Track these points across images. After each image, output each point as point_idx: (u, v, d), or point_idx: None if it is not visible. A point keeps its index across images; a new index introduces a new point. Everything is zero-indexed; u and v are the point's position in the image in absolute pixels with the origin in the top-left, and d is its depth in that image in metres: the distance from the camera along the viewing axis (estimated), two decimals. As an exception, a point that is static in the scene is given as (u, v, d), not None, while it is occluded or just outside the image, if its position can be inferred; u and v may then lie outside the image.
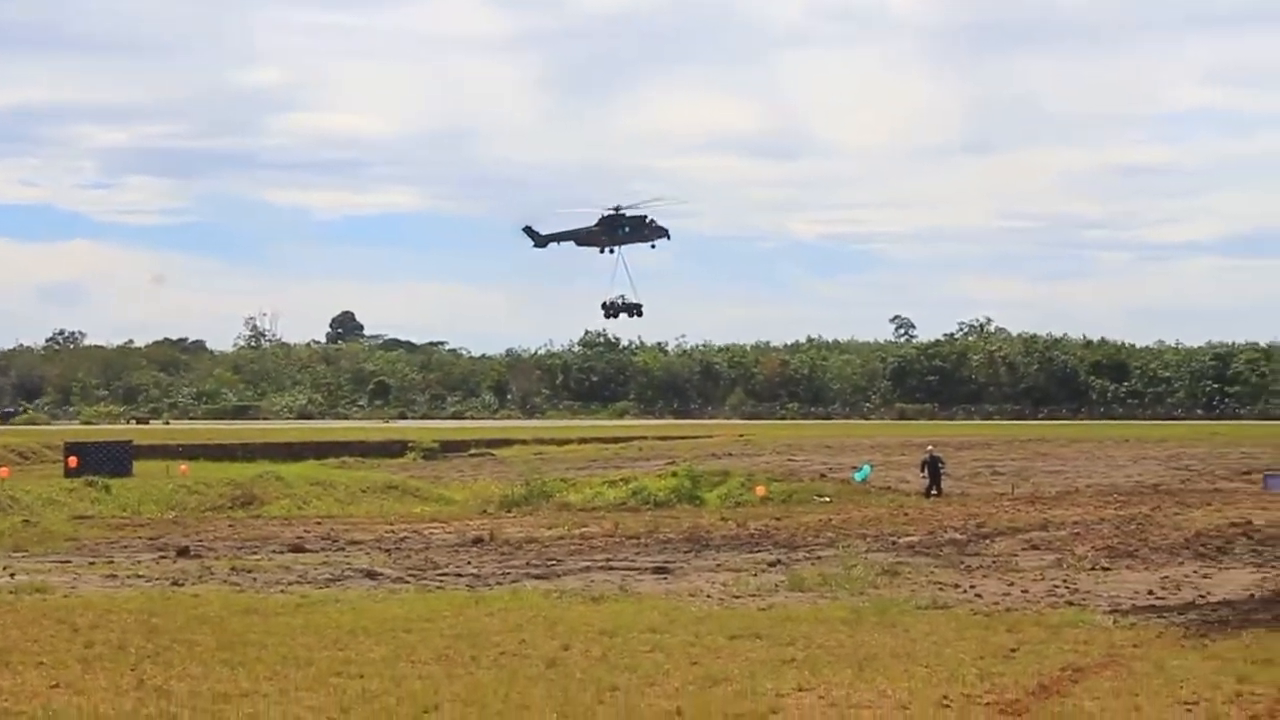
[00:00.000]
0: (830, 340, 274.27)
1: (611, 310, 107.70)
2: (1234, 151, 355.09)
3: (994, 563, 37.26)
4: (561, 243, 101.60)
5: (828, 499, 63.37)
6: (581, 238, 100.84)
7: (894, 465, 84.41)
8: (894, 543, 42.40)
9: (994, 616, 27.61)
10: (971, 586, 32.51)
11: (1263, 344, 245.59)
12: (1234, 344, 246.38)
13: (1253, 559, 37.69)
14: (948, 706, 19.23)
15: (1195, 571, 35.15)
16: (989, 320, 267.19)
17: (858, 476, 71.61)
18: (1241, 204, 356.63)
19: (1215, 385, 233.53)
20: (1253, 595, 30.52)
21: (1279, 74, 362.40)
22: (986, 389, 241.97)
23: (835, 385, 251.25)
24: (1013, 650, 23.46)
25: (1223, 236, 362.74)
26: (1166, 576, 34.16)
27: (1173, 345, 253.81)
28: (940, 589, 31.99)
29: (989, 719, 18.43)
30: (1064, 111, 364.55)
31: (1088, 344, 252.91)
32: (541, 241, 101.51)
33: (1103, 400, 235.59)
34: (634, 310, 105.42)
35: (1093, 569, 35.67)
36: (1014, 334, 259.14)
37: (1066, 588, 32.26)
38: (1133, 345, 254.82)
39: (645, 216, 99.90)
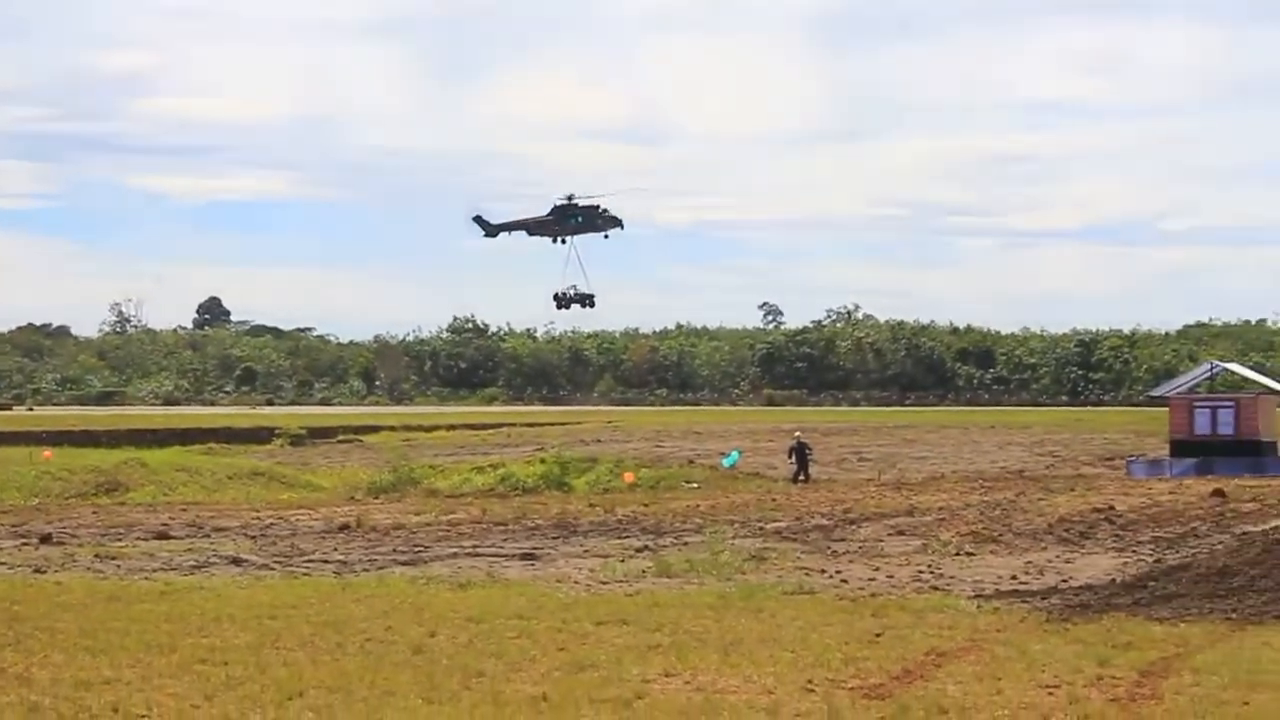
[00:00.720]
0: (699, 327, 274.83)
1: (563, 301, 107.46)
2: (1097, 139, 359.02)
3: (860, 548, 37.48)
4: (512, 232, 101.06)
5: (696, 485, 63.54)
6: (533, 227, 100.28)
7: (762, 451, 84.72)
8: (761, 528, 42.56)
9: (859, 601, 27.78)
10: (837, 572, 32.70)
11: (1126, 330, 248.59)
12: (1098, 331, 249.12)
13: (1114, 544, 38.11)
14: (812, 691, 19.34)
15: (1058, 556, 35.51)
16: (857, 307, 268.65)
17: (726, 463, 71.85)
18: (1105, 191, 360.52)
19: (1080, 372, 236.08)
20: (1114, 580, 30.86)
21: (1142, 63, 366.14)
22: (854, 375, 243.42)
23: (704, 372, 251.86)
24: (877, 635, 23.62)
25: (1087, 224, 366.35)
26: (1030, 561, 34.48)
27: (1038, 332, 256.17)
28: (806, 574, 32.15)
29: (853, 703, 18.53)
30: (929, 100, 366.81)
31: (954, 331, 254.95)
32: (492, 231, 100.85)
33: (969, 387, 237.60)
34: (586, 301, 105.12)
35: (957, 554, 35.97)
36: (881, 321, 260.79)
37: (931, 573, 32.51)
38: (998, 332, 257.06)
39: (598, 206, 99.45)
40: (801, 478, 65.72)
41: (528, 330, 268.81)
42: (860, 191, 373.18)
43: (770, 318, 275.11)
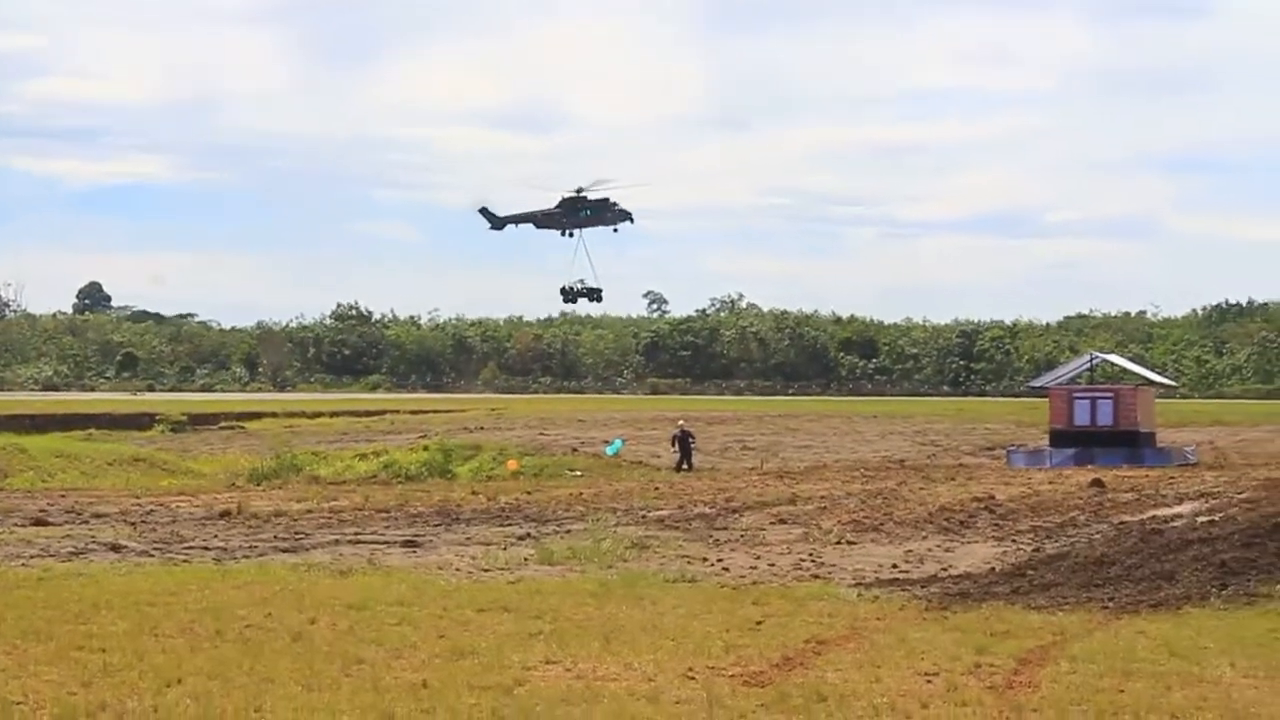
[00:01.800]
0: (583, 315, 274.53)
1: (570, 295, 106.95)
2: (983, 130, 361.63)
3: (742, 536, 37.60)
4: (520, 225, 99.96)
5: (579, 473, 63.57)
6: (540, 220, 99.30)
7: (646, 440, 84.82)
8: (644, 517, 42.62)
9: (741, 589, 27.89)
10: (719, 560, 32.80)
11: (1008, 321, 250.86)
12: (980, 321, 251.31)
13: (994, 533, 38.42)
14: (693, 678, 19.38)
15: (938, 545, 35.76)
16: (741, 296, 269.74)
17: (609, 451, 71.95)
18: (989, 183, 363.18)
19: (961, 362, 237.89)
20: (993, 569, 31.13)
21: (1028, 55, 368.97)
22: (738, 364, 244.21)
23: (588, 360, 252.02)
24: (758, 623, 23.70)
25: (971, 215, 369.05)
26: (910, 550, 34.71)
27: (920, 322, 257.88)
28: (689, 562, 32.24)
29: (733, 690, 18.59)
30: (818, 89, 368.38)
31: (837, 320, 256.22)
32: (499, 223, 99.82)
33: (852, 376, 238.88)
34: (594, 295, 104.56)
35: (839, 543, 36.15)
36: (765, 310, 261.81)
37: (812, 561, 32.67)
38: (881, 322, 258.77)
39: (608, 199, 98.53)
40: (684, 466, 65.88)
41: (411, 317, 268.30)
42: (747, 181, 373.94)
43: (655, 306, 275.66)
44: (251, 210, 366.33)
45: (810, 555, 33.68)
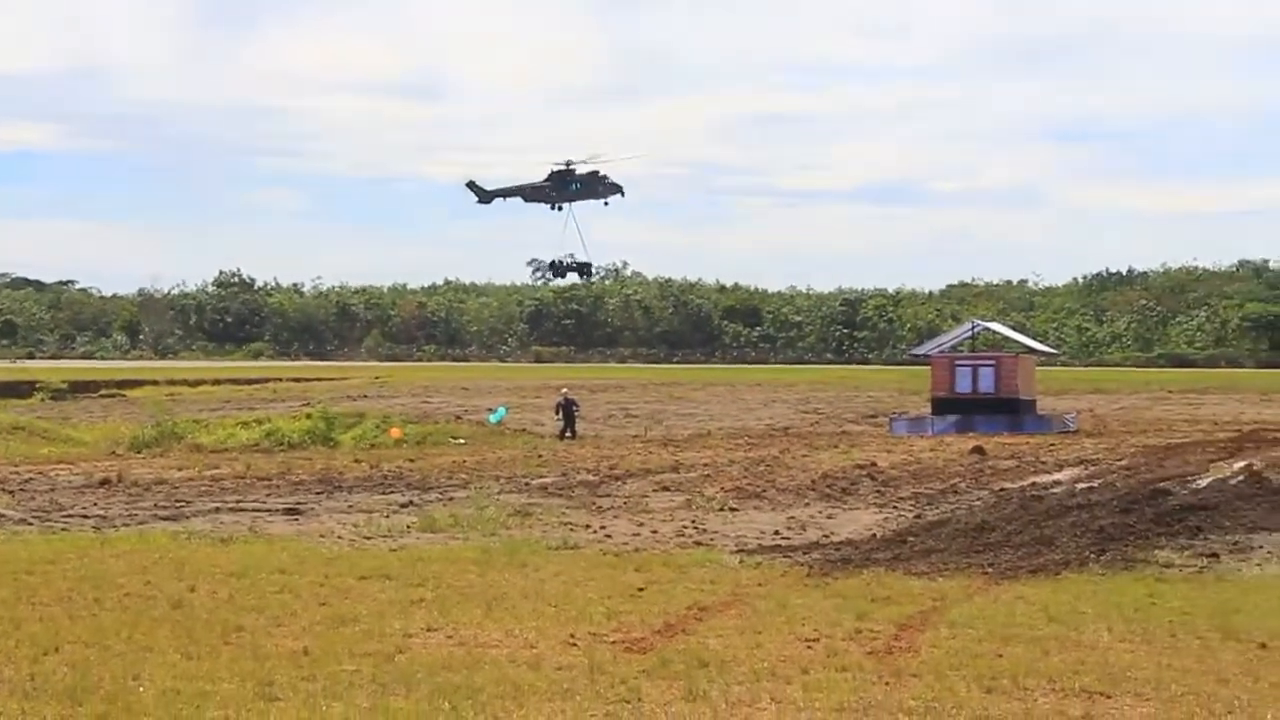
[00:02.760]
0: (467, 283, 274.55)
1: (559, 269, 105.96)
2: (870, 101, 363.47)
3: (625, 504, 37.61)
4: (508, 198, 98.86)
5: (463, 441, 63.36)
6: (529, 193, 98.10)
7: (530, 408, 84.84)
8: (527, 484, 42.57)
9: (623, 556, 27.89)
10: (602, 527, 32.79)
11: (890, 290, 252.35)
12: (863, 290, 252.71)
13: (876, 500, 38.62)
14: (574, 645, 19.37)
15: (820, 512, 35.90)
16: (626, 264, 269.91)
17: (493, 419, 71.80)
18: (877, 153, 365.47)
19: (845, 330, 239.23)
20: (874, 535, 31.27)
21: (917, 26, 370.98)
22: (622, 332, 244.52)
23: (472, 328, 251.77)
24: (640, 589, 23.71)
25: (858, 184, 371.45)
26: (793, 517, 34.83)
27: (804, 290, 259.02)
28: (571, 530, 32.22)
29: (614, 656, 18.59)
30: (707, 59, 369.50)
31: (722, 289, 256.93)
32: (486, 197, 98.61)
33: (736, 344, 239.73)
34: (583, 270, 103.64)
35: (721, 510, 36.22)
36: (650, 278, 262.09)
37: (695, 528, 32.72)
38: (766, 290, 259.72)
39: (597, 171, 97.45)
40: (568, 434, 65.86)
41: (295, 285, 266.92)
42: (634, 149, 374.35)
43: (539, 275, 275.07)
44: (134, 178, 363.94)
45: (693, 522, 33.72)
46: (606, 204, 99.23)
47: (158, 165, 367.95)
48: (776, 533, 32.01)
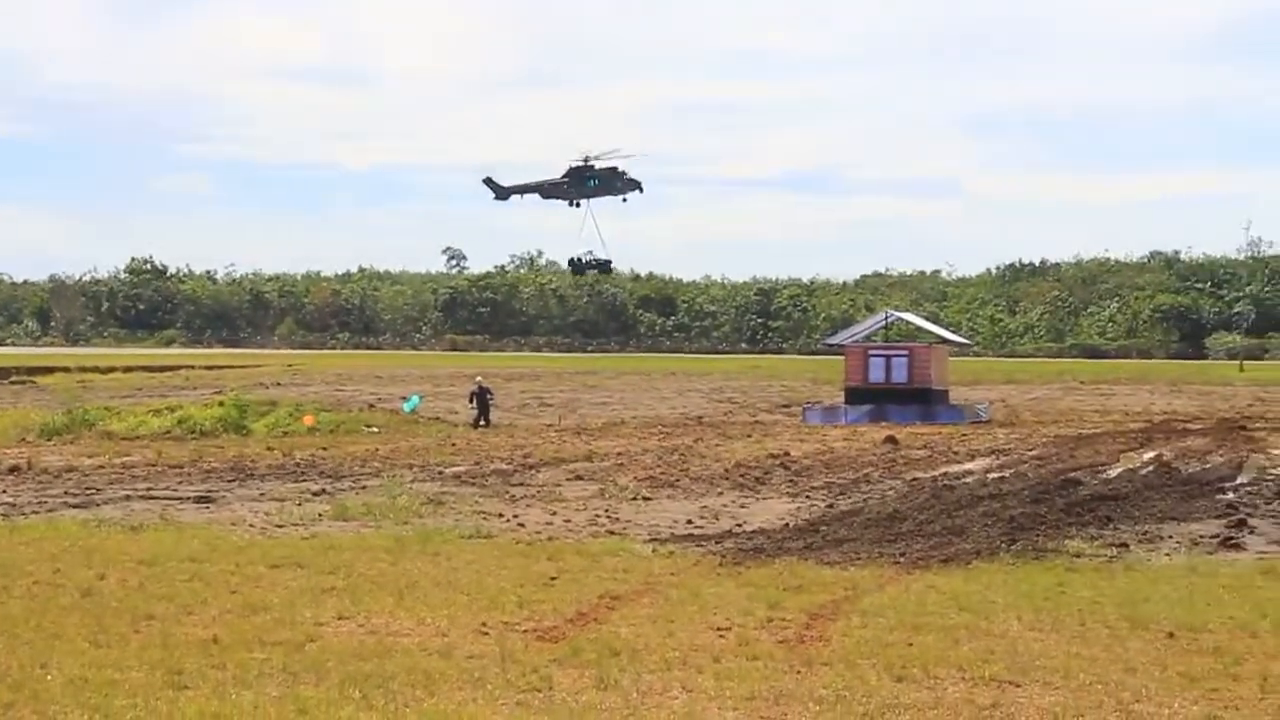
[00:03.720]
0: (382, 271, 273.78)
1: (579, 266, 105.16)
2: (790, 90, 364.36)
3: (539, 493, 37.57)
4: (525, 195, 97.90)
5: (376, 429, 63.13)
6: (547, 190, 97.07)
7: (444, 396, 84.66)
8: (440, 473, 42.48)
9: (536, 545, 27.85)
10: (515, 516, 32.75)
11: (805, 279, 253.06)
12: (778, 280, 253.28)
13: (789, 489, 38.72)
14: (486, 634, 19.34)
15: (734, 501, 35.97)
16: (540, 253, 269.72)
17: (406, 407, 71.53)
18: (795, 142, 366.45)
19: (759, 320, 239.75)
20: (787, 524, 31.33)
21: (838, 15, 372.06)
22: (537, 321, 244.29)
23: (387, 316, 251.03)
24: (553, 578, 23.69)
25: (777, 173, 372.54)
26: (706, 506, 34.88)
27: (719, 280, 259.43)
28: (484, 518, 32.17)
29: (526, 645, 18.57)
30: (628, 47, 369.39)
31: (637, 278, 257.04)
32: (503, 194, 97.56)
33: (651, 333, 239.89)
34: (603, 266, 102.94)
35: (634, 499, 36.24)
36: (565, 267, 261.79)
37: (608, 517, 32.72)
38: (681, 279, 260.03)
39: (616, 168, 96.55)
40: (482, 423, 65.71)
41: (208, 272, 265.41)
42: (554, 138, 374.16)
43: (454, 262, 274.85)
44: (47, 163, 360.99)
45: (606, 511, 33.73)
46: (625, 200, 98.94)
47: (70, 151, 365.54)
48: (689, 522, 32.04)
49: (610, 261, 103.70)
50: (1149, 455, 48.52)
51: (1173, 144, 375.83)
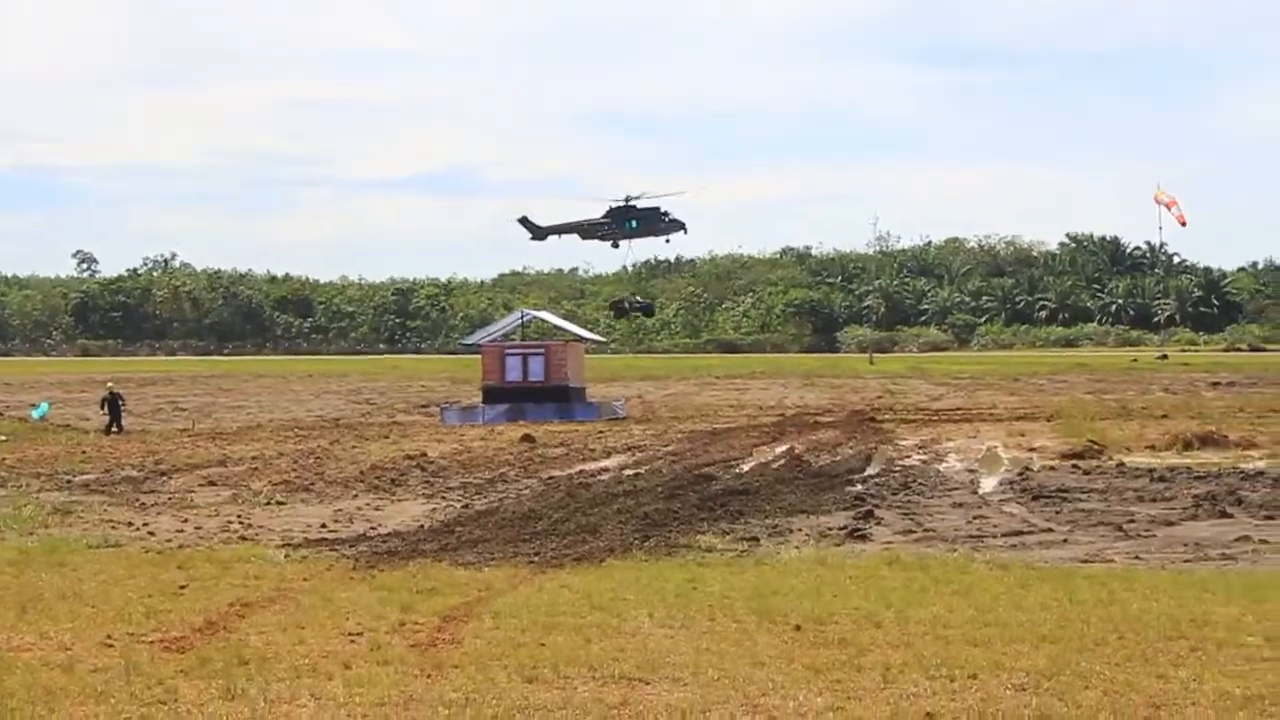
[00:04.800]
0: (10, 276, 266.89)
1: (621, 309, 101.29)
2: (426, 90, 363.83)
3: (170, 500, 36.92)
4: (563, 235, 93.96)
5: (4, 438, 61.47)
6: (586, 230, 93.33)
7: (75, 403, 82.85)
8: (69, 481, 41.50)
9: (166, 554, 27.31)
10: (145, 524, 32.10)
11: (443, 279, 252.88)
12: (415, 279, 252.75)
13: (425, 490, 38.62)
14: (111, 646, 18.90)
15: (369, 504, 35.75)
16: (174, 255, 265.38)
17: (35, 414, 69.84)
18: (428, 142, 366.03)
19: (397, 320, 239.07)
20: (422, 526, 31.21)
21: (465, 16, 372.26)
22: (171, 324, 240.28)
23: (15, 322, 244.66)
24: (182, 587, 23.26)
25: (412, 173, 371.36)
26: (340, 509, 34.61)
27: (356, 281, 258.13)
28: (113, 527, 31.49)
29: (152, 657, 18.18)
30: (262, 46, 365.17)
31: (273, 279, 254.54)
32: (541, 234, 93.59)
33: (288, 335, 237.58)
34: (647, 310, 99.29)
35: (268, 504, 35.84)
36: (199, 269, 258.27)
37: (241, 523, 32.27)
38: (318, 280, 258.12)
39: (658, 208, 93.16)
40: (114, 429, 64.43)
41: None
42: (186, 139, 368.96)
43: (85, 266, 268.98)
44: None
45: (239, 517, 33.27)
46: (668, 241, 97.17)
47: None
48: (324, 526, 31.75)
49: (653, 304, 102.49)
50: (781, 449, 49.47)
51: (803, 142, 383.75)
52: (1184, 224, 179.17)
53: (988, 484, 38.92)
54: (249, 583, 23.80)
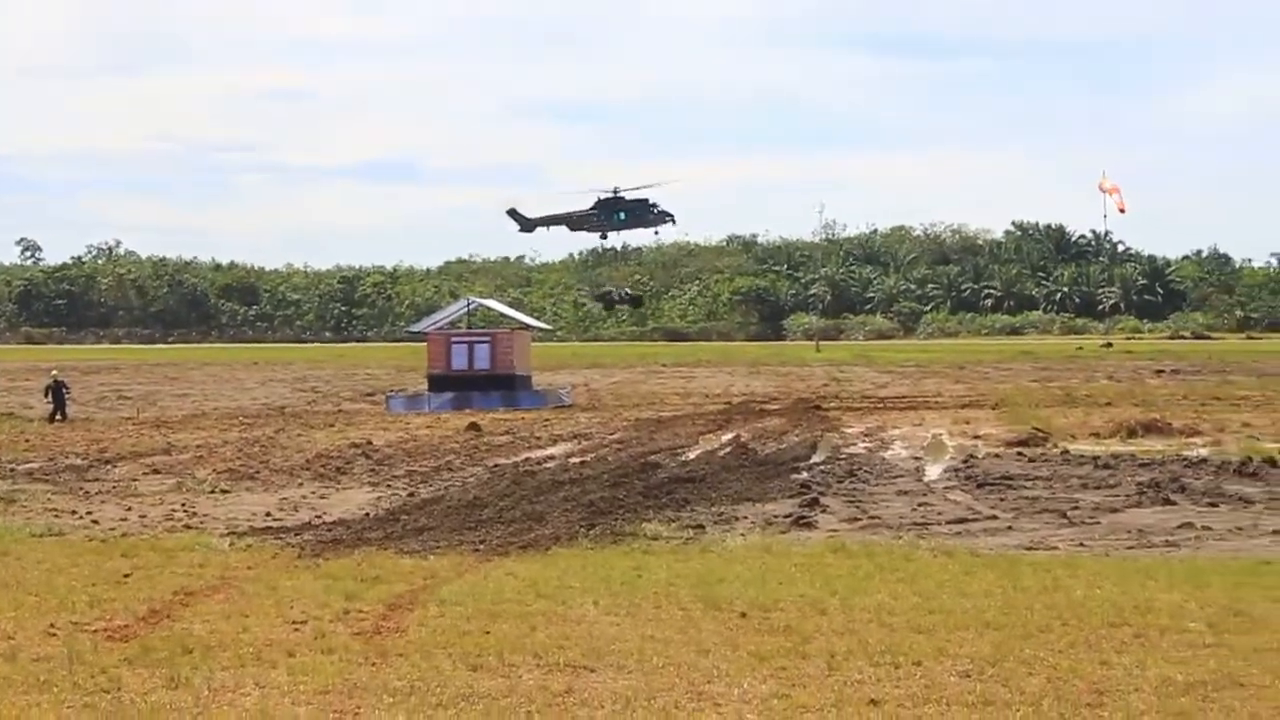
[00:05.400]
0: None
1: (609, 300, 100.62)
2: (370, 78, 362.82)
3: (114, 488, 36.74)
4: (551, 227, 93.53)
5: (-55, 426, 61.14)
6: (574, 221, 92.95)
7: (19, 391, 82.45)
8: (12, 470, 41.26)
9: (110, 542, 27.20)
10: (89, 513, 31.94)
11: (389, 267, 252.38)
12: (361, 267, 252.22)
13: (370, 478, 38.50)
14: (54, 635, 18.82)
15: (314, 492, 35.63)
16: (119, 243, 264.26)
17: (-22, 402, 69.48)
18: (375, 131, 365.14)
19: (343, 308, 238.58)
20: (367, 514, 31.11)
21: (409, 4, 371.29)
22: (116, 312, 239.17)
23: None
24: (126, 576, 23.17)
25: (358, 161, 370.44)
26: (285, 498, 34.49)
27: (302, 268, 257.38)
28: (57, 516, 31.33)
29: (95, 645, 18.11)
30: (205, 35, 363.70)
31: (218, 267, 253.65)
32: (529, 225, 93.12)
33: (233, 323, 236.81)
34: (635, 301, 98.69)
35: (213, 492, 35.69)
36: (144, 257, 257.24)
37: (186, 511, 32.13)
38: (263, 268, 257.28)
39: (647, 200, 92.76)
40: (58, 417, 64.09)
41: None
42: (131, 126, 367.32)
43: (29, 254, 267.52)
44: None
45: (183, 505, 33.13)
46: (657, 234, 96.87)
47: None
48: (268, 514, 31.63)
49: (641, 297, 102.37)
50: (727, 437, 49.53)
51: (748, 130, 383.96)
52: (1123, 210, 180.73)
53: (933, 471, 39.04)
54: (193, 571, 23.72)
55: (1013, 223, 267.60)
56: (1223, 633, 18.54)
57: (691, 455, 43.35)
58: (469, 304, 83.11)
